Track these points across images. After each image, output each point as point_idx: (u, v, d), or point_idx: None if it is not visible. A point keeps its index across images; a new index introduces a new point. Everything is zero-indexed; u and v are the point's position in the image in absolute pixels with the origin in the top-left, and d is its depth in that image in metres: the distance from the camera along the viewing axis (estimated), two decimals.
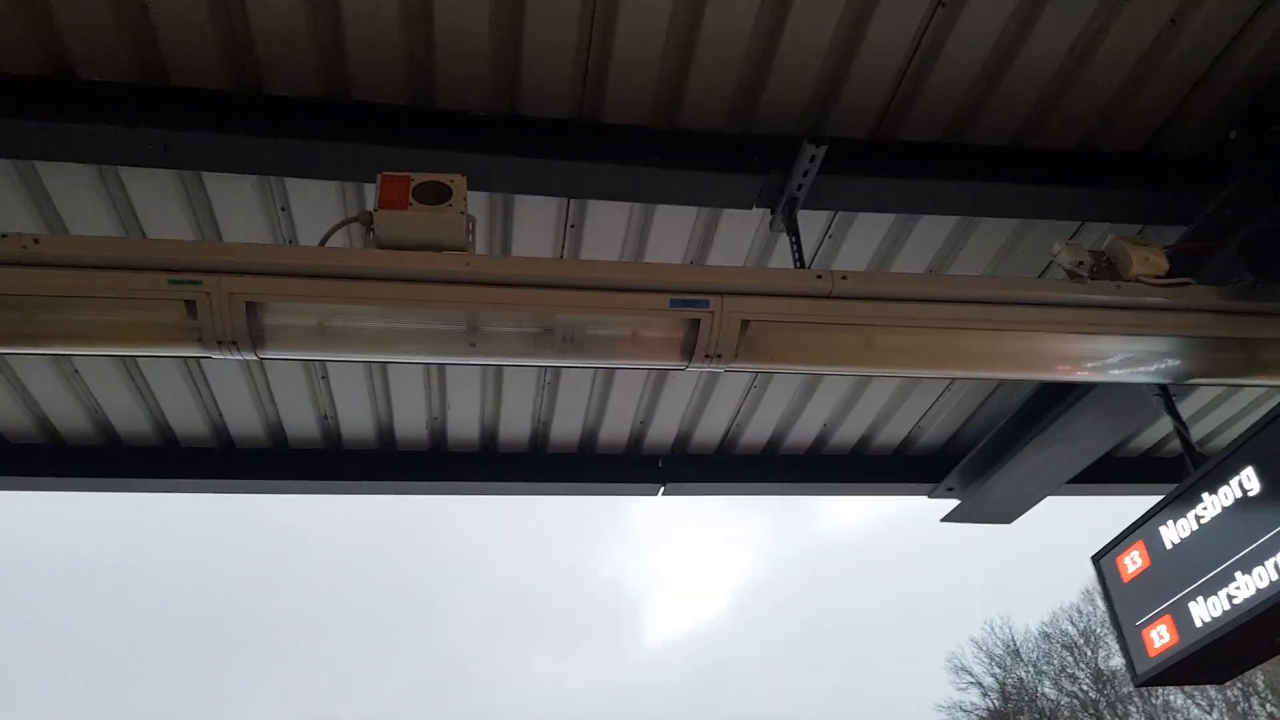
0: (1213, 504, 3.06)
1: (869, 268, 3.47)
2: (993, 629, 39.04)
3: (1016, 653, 35.70)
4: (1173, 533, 3.22)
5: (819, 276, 2.70)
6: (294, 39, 2.59)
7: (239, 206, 3.04)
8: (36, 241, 2.35)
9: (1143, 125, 3.04)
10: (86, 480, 3.95)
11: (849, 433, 4.44)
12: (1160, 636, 3.21)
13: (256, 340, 2.52)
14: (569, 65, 2.73)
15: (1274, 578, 2.79)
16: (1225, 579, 2.96)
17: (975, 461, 4.39)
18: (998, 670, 36.10)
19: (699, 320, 2.65)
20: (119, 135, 2.63)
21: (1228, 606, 2.93)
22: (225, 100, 2.70)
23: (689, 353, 2.72)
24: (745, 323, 2.68)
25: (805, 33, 2.68)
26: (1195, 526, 3.13)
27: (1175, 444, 4.67)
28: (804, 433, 4.41)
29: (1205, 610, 3.02)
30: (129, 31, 2.53)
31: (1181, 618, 3.11)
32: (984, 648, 36.88)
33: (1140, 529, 3.36)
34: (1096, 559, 3.61)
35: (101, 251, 2.40)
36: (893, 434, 4.47)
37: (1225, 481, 3.02)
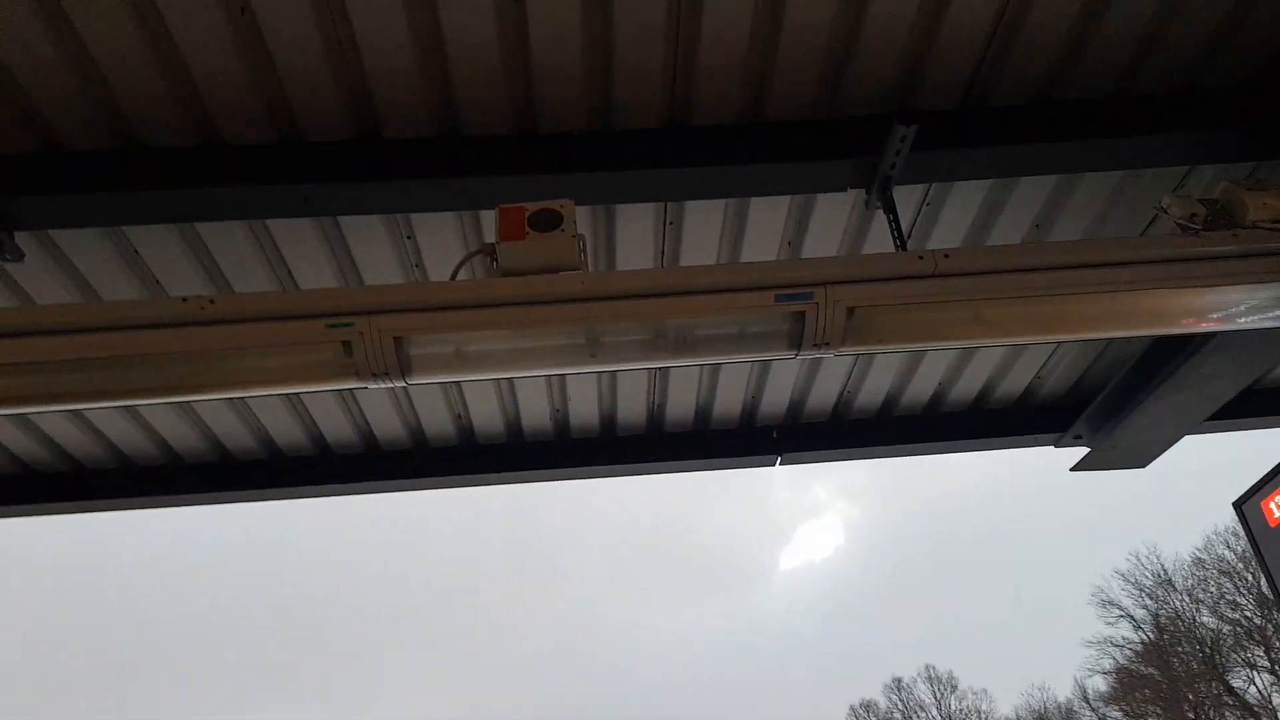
0: None
1: (969, 234, 3.49)
2: (1140, 560, 37.37)
3: (1169, 582, 34.12)
4: None
5: (920, 257, 2.76)
6: (407, 85, 2.81)
7: (371, 242, 3.32)
8: (212, 302, 2.67)
9: (1248, 60, 2.95)
10: (253, 492, 4.40)
11: (966, 388, 4.46)
12: None
13: (405, 369, 2.79)
14: (658, 77, 2.86)
15: None
16: None
17: (1102, 408, 4.34)
18: (1150, 602, 34.65)
19: (804, 312, 2.77)
20: (265, 193, 2.92)
21: None
22: (352, 149, 2.95)
23: (797, 343, 2.84)
24: (851, 309, 2.79)
25: (886, 15, 2.73)
26: None
27: None
28: (919, 392, 4.46)
29: None
30: (263, 97, 2.80)
31: None
32: (1132, 579, 35.52)
33: None
34: (1239, 504, 3.56)
35: (267, 306, 2.70)
36: (1012, 386, 4.47)
37: None
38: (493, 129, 2.98)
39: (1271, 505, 3.33)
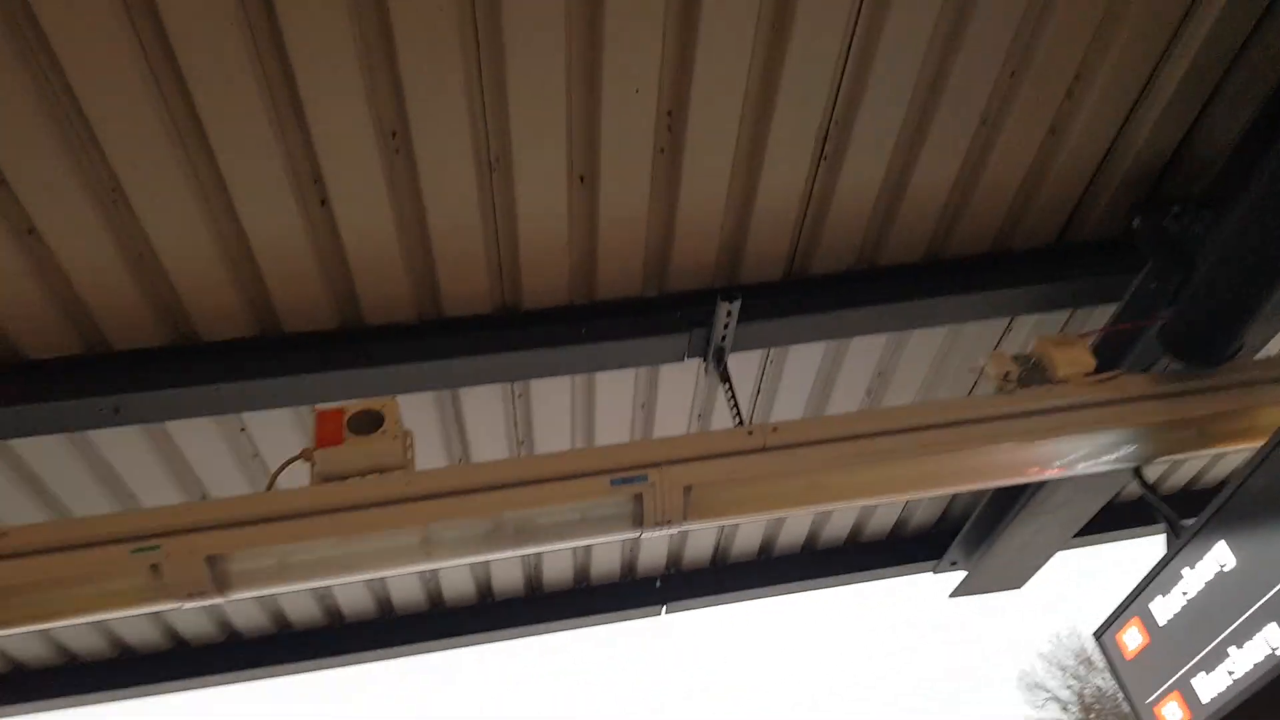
0: (1194, 579, 3.05)
1: (811, 394, 3.54)
2: (1060, 640, 38.01)
3: (1089, 660, 34.63)
4: (1164, 608, 3.20)
5: (750, 433, 2.76)
6: (217, 291, 2.73)
7: (205, 444, 3.18)
8: (5, 534, 2.49)
9: (1049, 223, 3.10)
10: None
11: (839, 526, 4.47)
12: (1173, 714, 3.17)
13: (223, 586, 2.63)
14: (482, 269, 2.85)
15: (1267, 651, 2.76)
16: (1221, 654, 2.94)
17: (972, 534, 4.38)
18: (1073, 681, 35.05)
19: (641, 493, 2.72)
20: (72, 407, 2.78)
21: (1230, 682, 2.90)
22: (165, 355, 2.84)
23: (639, 522, 2.78)
24: (688, 488, 2.76)
25: (699, 203, 2.79)
26: (1183, 602, 3.11)
27: (1174, 481, 4.66)
28: (794, 533, 4.44)
29: (1210, 686, 2.99)
30: (63, 310, 2.69)
31: (1189, 695, 3.08)
32: (1054, 661, 35.91)
33: (1133, 605, 3.34)
34: (1098, 635, 3.57)
35: (64, 534, 2.53)
36: (883, 521, 4.49)
37: (1201, 557, 3.01)
38: (316, 325, 2.91)
39: (1124, 638, 3.35)
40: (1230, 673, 2.90)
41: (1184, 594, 3.10)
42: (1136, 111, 2.81)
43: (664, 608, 4.46)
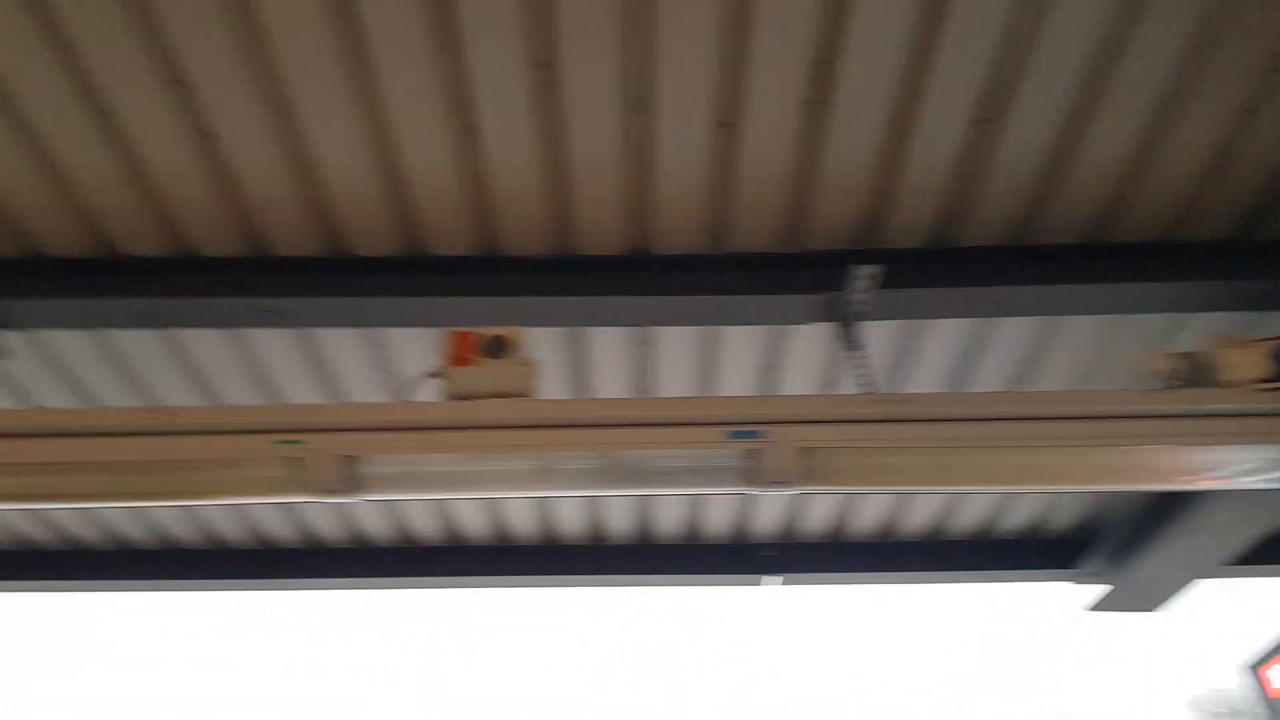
0: None
1: (949, 372, 3.37)
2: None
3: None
4: None
5: (879, 402, 2.67)
6: (371, 208, 2.87)
7: (347, 352, 3.38)
8: (175, 414, 2.73)
9: (1234, 214, 2.82)
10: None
11: (969, 519, 4.27)
12: None
13: (355, 486, 2.79)
14: (620, 207, 2.87)
15: None
16: None
17: (1120, 543, 4.09)
18: None
19: (758, 450, 2.69)
20: (234, 305, 3.00)
21: None
22: (321, 265, 3.02)
23: (752, 479, 2.76)
24: (807, 450, 2.70)
25: (844, 160, 2.70)
26: None
27: None
28: (919, 520, 4.28)
29: None
30: (238, 214, 2.90)
31: None
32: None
33: None
34: (1254, 667, 3.31)
35: (224, 419, 2.75)
36: (1018, 518, 4.27)
37: None
38: (458, 250, 3.02)
39: (1268, 674, 3.08)
40: None
41: None
42: None
43: (781, 578, 4.41)
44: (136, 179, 2.78)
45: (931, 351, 3.33)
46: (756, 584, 4.40)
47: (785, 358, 3.38)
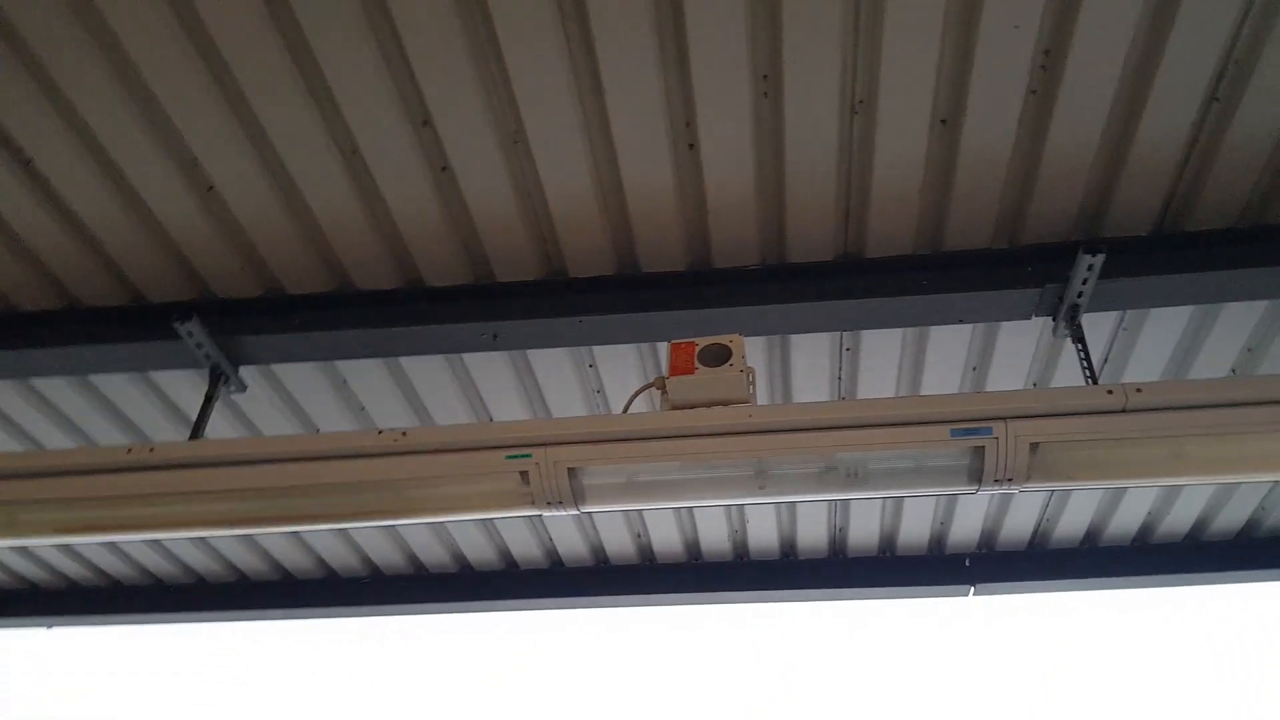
0: None
1: (1169, 363, 3.25)
2: None
3: None
4: None
5: (1110, 392, 2.59)
6: (590, 231, 3.00)
7: (556, 371, 3.51)
8: (404, 434, 2.89)
9: None
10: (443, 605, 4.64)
11: (1180, 520, 4.06)
12: None
13: (578, 498, 2.88)
14: (830, 213, 2.90)
15: None
16: None
17: None
18: None
19: (984, 447, 2.65)
20: (457, 330, 3.17)
21: None
22: (539, 288, 3.16)
23: (977, 478, 2.71)
24: (1034, 445, 2.65)
25: (1067, 150, 2.65)
26: None
27: None
28: (1125, 524, 4.10)
29: None
30: (462, 243, 3.07)
31: None
32: None
33: None
34: None
35: (452, 437, 2.89)
36: (1232, 519, 4.03)
37: None
38: (669, 266, 3.11)
39: None
40: None
41: None
42: None
43: (972, 589, 4.30)
44: (376, 216, 2.98)
45: (1152, 343, 3.22)
46: (965, 594, 4.29)
47: (994, 358, 3.33)
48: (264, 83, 2.64)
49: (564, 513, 2.94)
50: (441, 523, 4.26)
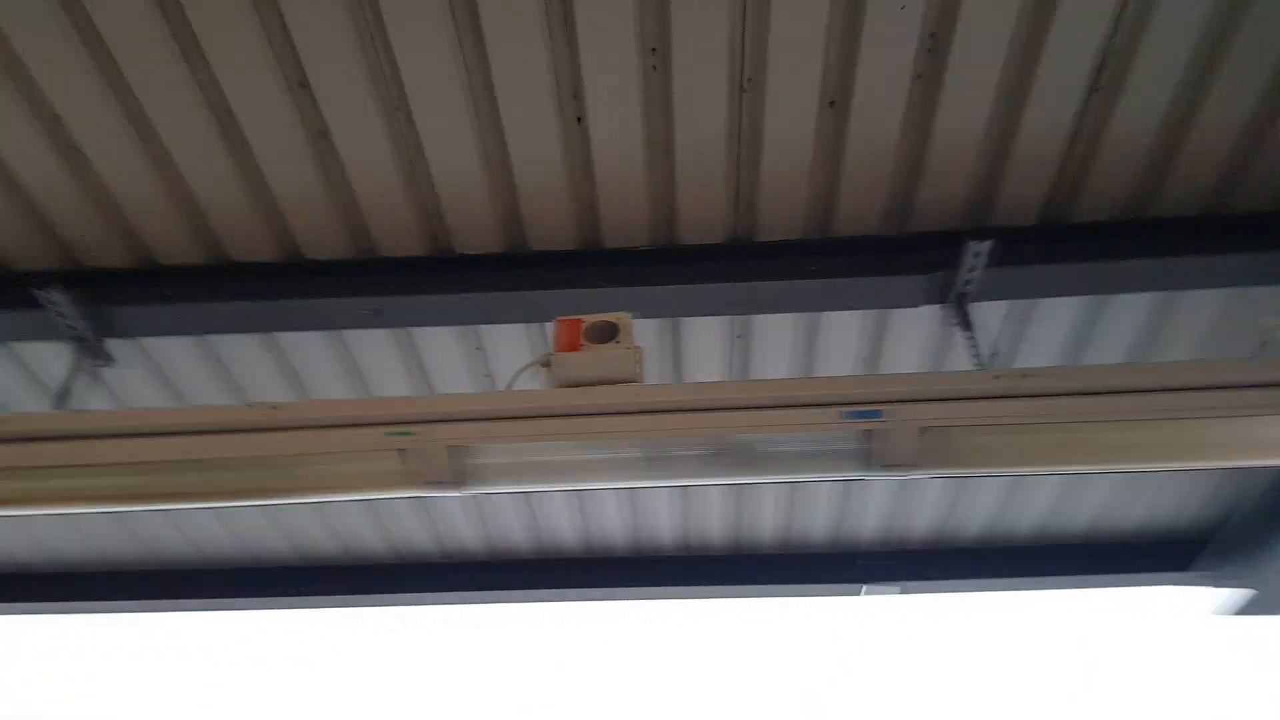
0: None
1: (1061, 352, 3.30)
2: None
3: None
4: None
5: (996, 377, 2.60)
6: (475, 204, 2.90)
7: (443, 352, 3.40)
8: (276, 408, 2.75)
9: None
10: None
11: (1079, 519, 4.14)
12: None
13: (461, 478, 2.78)
14: (720, 196, 2.87)
15: None
16: None
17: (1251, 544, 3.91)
18: None
19: (872, 431, 2.64)
20: (338, 305, 3.04)
21: None
22: (423, 264, 3.05)
23: (866, 462, 2.69)
24: (924, 429, 2.64)
25: (954, 136, 2.67)
26: None
27: None
28: (1022, 522, 4.16)
29: None
30: (343, 214, 2.94)
31: None
32: None
33: None
34: None
35: (328, 412, 2.75)
36: (1121, 519, 4.12)
37: None
38: (559, 245, 3.03)
39: None
40: None
41: None
42: None
43: (863, 587, 4.30)
44: (251, 184, 2.84)
45: (1042, 334, 3.26)
46: (857, 594, 4.28)
47: (887, 347, 3.34)
48: (130, 35, 2.48)
49: (447, 494, 2.83)
50: (322, 506, 4.08)
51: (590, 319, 2.75)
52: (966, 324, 2.92)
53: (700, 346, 3.37)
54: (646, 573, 4.34)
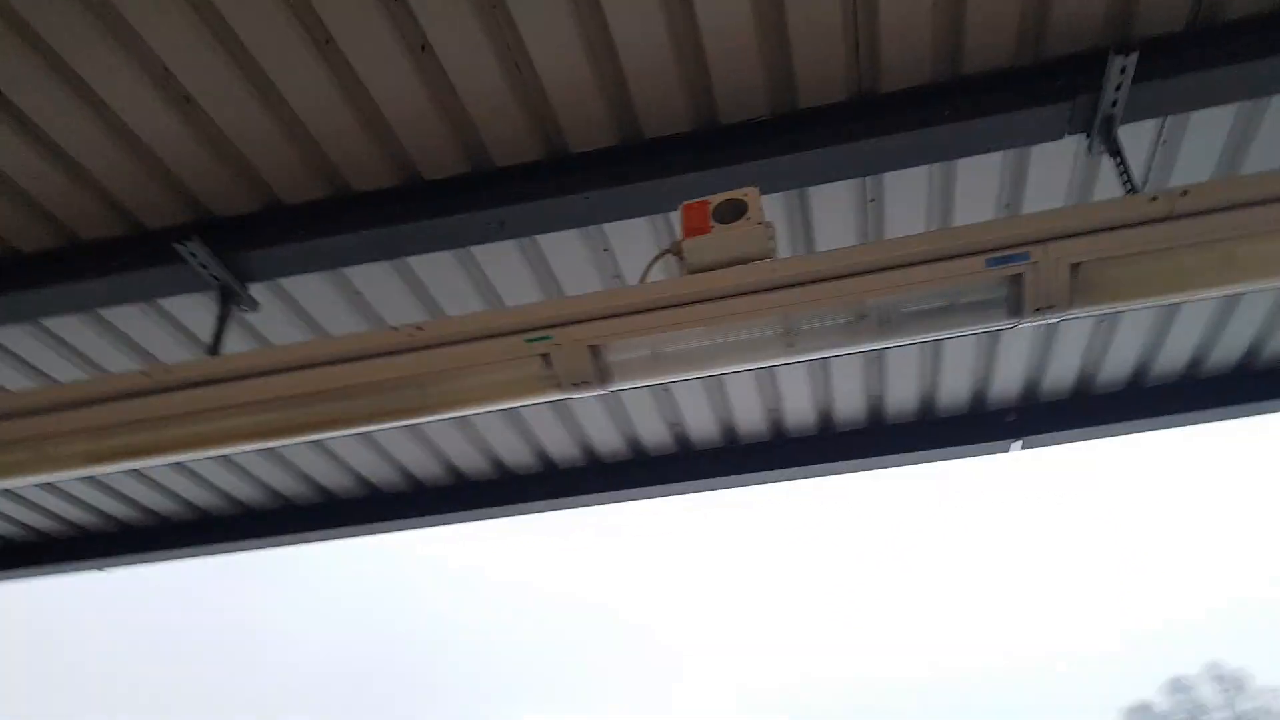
0: None
1: (1216, 168, 3.05)
2: None
3: None
4: None
5: (1154, 199, 2.43)
6: (587, 100, 2.84)
7: (571, 257, 3.40)
8: (419, 328, 2.81)
9: None
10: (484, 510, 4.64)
11: (1229, 350, 3.91)
12: None
13: (604, 377, 2.80)
14: (838, 48, 2.72)
15: None
16: None
17: None
18: None
19: (1021, 274, 2.52)
20: (462, 222, 3.06)
21: None
22: (540, 169, 3.03)
23: (1017, 310, 2.59)
24: (1075, 266, 2.51)
25: None
26: None
27: None
28: (1172, 358, 3.96)
29: None
30: (455, 129, 2.93)
31: None
32: None
33: None
34: None
35: (468, 327, 2.80)
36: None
37: None
38: (674, 129, 2.95)
39: None
40: None
41: None
42: None
43: (1019, 442, 4.20)
44: (360, 109, 2.85)
45: (1196, 152, 3.03)
46: (1004, 450, 4.20)
47: (1026, 190, 3.16)
48: None
49: (590, 393, 2.86)
50: (472, 421, 4.22)
51: (716, 198, 2.68)
52: (1115, 150, 2.72)
53: (831, 217, 3.26)
54: (787, 453, 4.36)
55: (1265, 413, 4.06)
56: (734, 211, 2.69)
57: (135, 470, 4.37)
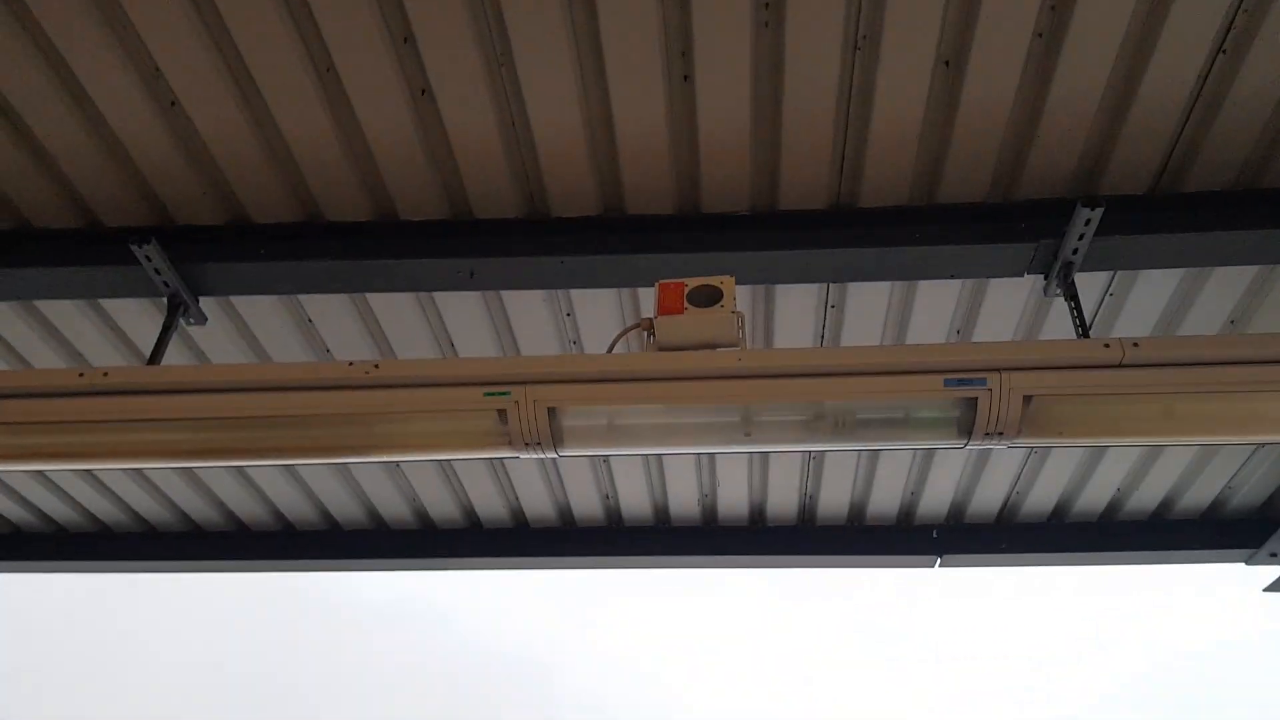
0: None
1: (1157, 325, 3.24)
2: None
3: None
4: None
5: (1107, 345, 2.56)
6: (576, 167, 2.88)
7: (532, 318, 3.39)
8: (376, 367, 2.75)
9: None
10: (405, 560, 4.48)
11: (1147, 496, 4.09)
12: None
13: (557, 440, 2.78)
14: (825, 161, 2.83)
15: None
16: None
17: None
18: None
19: (976, 399, 2.60)
20: (433, 266, 3.03)
21: None
22: (520, 227, 3.04)
23: (967, 431, 2.66)
24: (1028, 398, 2.61)
25: (1071, 99, 2.61)
26: None
27: None
28: (1095, 498, 4.11)
29: None
30: (440, 175, 2.93)
31: None
32: None
33: None
34: None
35: (427, 371, 2.76)
36: (1198, 497, 4.06)
37: None
38: (657, 209, 3.00)
39: None
40: None
41: None
42: None
43: (939, 559, 4.27)
44: (350, 141, 2.83)
45: (1135, 308, 3.21)
46: (928, 565, 4.26)
47: (979, 319, 3.29)
48: None
49: (539, 455, 2.83)
50: (402, 468, 4.11)
51: (694, 282, 2.72)
52: (1072, 293, 2.86)
53: (792, 315, 3.34)
54: (716, 540, 4.35)
55: (1173, 562, 4.24)
56: (709, 297, 2.72)
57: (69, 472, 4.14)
